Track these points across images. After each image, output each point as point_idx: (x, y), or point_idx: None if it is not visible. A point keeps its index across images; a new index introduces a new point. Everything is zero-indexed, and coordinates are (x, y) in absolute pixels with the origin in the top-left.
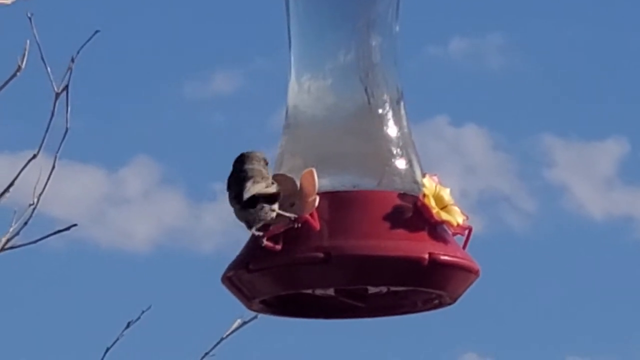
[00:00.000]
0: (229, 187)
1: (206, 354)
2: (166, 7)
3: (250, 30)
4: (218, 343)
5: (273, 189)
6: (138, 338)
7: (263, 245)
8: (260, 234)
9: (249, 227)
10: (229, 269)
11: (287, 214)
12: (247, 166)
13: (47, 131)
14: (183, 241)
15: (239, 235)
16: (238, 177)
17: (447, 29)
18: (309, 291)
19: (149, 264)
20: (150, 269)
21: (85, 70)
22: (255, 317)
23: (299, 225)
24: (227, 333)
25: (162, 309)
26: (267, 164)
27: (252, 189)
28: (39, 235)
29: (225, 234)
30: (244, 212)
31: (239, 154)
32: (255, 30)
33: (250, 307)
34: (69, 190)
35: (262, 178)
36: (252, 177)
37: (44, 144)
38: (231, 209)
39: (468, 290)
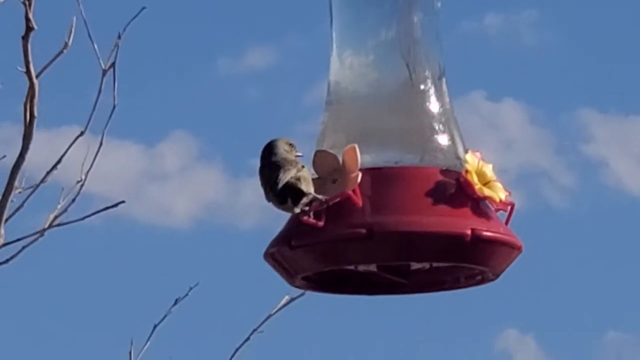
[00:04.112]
0: (263, 182)
1: (254, 330)
2: None
3: (283, 6)
4: (266, 319)
5: (304, 172)
6: (186, 315)
7: (305, 221)
8: (306, 208)
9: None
10: (272, 245)
11: (319, 196)
12: (274, 158)
13: (94, 108)
14: (223, 217)
15: (279, 211)
16: (269, 169)
17: (482, 4)
18: (352, 267)
19: (191, 240)
20: (193, 244)
21: (122, 48)
22: (303, 293)
23: (331, 204)
24: (275, 310)
25: (209, 285)
26: (292, 146)
27: (283, 177)
28: (78, 211)
29: (265, 209)
30: (283, 206)
31: (265, 145)
32: (288, 6)
33: (292, 284)
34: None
35: (291, 164)
36: (281, 166)
37: (89, 121)
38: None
39: (510, 266)
